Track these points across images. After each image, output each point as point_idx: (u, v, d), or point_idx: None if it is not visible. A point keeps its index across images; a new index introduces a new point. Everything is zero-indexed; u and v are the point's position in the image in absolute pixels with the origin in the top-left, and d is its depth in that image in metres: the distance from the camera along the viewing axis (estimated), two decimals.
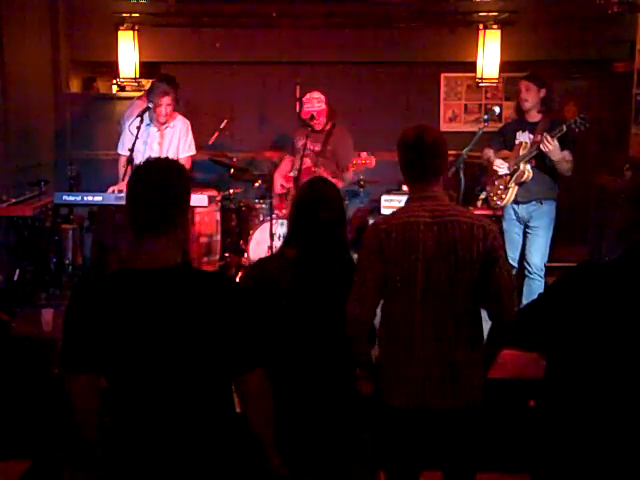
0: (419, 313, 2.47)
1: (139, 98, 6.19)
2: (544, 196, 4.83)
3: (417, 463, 2.63)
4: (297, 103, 6.37)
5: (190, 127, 5.35)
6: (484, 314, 2.59)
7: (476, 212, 5.55)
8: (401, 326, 2.51)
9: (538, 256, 4.90)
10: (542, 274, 4.89)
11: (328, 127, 5.47)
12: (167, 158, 2.20)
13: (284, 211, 5.55)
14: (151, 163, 2.11)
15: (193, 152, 5.35)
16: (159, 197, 2.00)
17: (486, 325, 2.60)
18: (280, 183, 5.74)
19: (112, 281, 2.07)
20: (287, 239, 2.82)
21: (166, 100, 5.06)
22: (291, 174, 5.68)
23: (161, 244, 2.01)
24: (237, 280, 4.94)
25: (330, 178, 5.02)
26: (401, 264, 2.46)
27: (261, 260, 2.89)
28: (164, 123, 5.18)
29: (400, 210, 2.62)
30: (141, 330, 1.96)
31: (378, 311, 2.59)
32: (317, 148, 5.48)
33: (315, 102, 5.49)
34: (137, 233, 2.04)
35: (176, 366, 1.97)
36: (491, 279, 2.48)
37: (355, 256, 2.68)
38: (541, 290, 4.65)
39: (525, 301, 4.14)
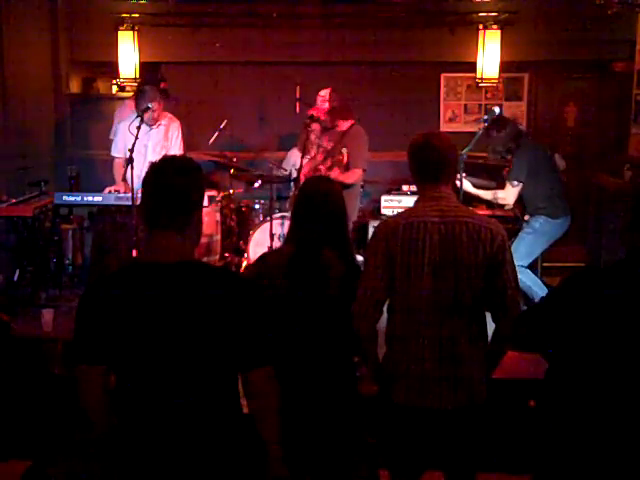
0: (425, 313, 2.48)
1: (130, 98, 6.22)
2: (529, 212, 5.14)
3: (422, 462, 2.64)
4: (297, 103, 6.37)
5: (180, 126, 5.37)
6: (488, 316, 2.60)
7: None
8: (407, 325, 2.52)
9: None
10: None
11: (347, 127, 5.31)
12: (183, 157, 2.23)
13: None
14: (167, 162, 2.12)
15: (182, 152, 5.34)
16: (174, 196, 2.01)
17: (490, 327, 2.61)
18: None
19: (124, 273, 2.10)
20: (288, 236, 2.84)
21: (155, 106, 5.11)
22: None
23: (174, 240, 2.03)
24: None
25: (336, 175, 5.01)
26: (407, 263, 2.47)
27: (263, 255, 2.93)
28: (152, 124, 5.20)
29: (408, 210, 2.64)
30: (151, 321, 1.97)
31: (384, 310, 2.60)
32: (330, 146, 5.37)
33: (319, 100, 5.38)
34: (150, 229, 2.06)
35: (185, 359, 1.98)
36: (497, 281, 2.48)
37: (357, 256, 2.69)
38: None
39: None
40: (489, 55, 6.95)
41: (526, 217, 5.12)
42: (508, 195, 4.99)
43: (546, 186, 4.96)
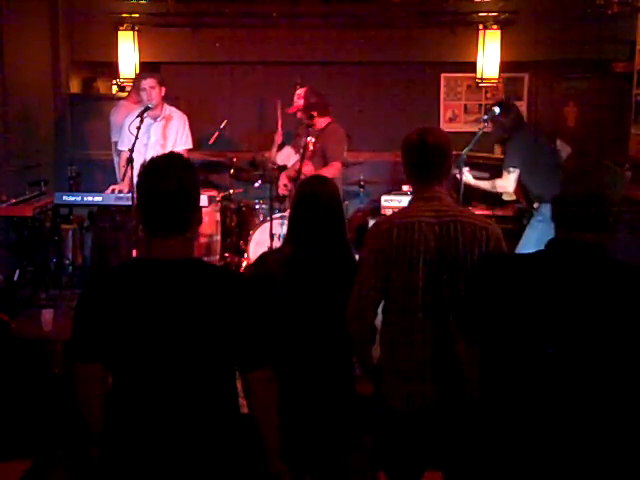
0: (420, 313, 2.47)
1: (125, 99, 6.22)
2: (536, 199, 5.11)
3: (419, 464, 2.63)
4: None
5: (187, 121, 5.37)
6: None
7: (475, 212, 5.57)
8: (402, 327, 2.51)
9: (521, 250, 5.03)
10: None
11: (324, 125, 5.34)
12: (173, 155, 2.13)
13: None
14: (159, 162, 2.06)
15: (189, 146, 5.34)
16: (170, 199, 1.97)
17: None
18: (284, 183, 5.67)
19: (123, 270, 2.09)
20: (287, 236, 2.84)
21: (149, 82, 5.09)
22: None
23: (174, 241, 2.01)
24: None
25: (310, 170, 5.05)
26: (402, 264, 2.46)
27: (263, 255, 2.93)
28: (156, 117, 5.19)
29: (402, 210, 2.62)
30: (149, 318, 1.96)
31: (379, 311, 2.59)
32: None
33: (295, 99, 5.45)
34: (150, 233, 2.03)
35: (182, 357, 1.97)
36: None
37: (356, 256, 2.68)
38: None
39: None
40: (489, 55, 6.95)
41: (535, 205, 5.12)
42: (506, 182, 5.01)
43: (546, 175, 4.96)
